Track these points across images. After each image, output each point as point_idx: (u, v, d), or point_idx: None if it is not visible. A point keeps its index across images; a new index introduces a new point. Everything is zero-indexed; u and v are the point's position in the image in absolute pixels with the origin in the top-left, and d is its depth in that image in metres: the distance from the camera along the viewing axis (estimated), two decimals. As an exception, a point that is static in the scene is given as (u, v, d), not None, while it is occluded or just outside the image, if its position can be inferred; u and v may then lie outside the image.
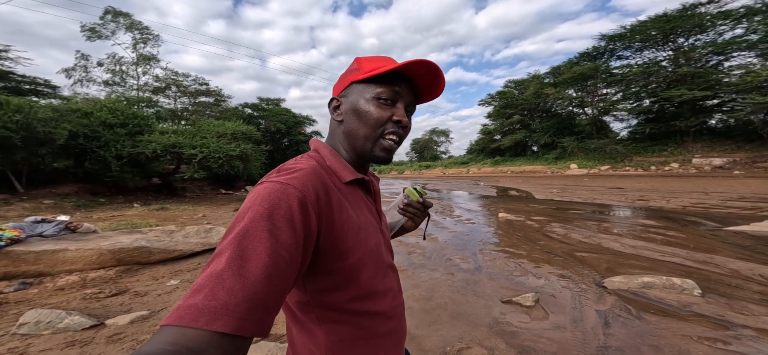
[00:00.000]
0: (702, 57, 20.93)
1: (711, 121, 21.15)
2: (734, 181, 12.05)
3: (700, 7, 20.30)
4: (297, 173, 0.46)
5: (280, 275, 0.37)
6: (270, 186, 0.43)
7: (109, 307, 2.50)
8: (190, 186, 15.15)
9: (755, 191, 8.85)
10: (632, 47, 24.30)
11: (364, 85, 0.56)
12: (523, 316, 2.27)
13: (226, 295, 0.33)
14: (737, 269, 2.99)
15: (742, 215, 5.61)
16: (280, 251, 0.38)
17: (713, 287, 2.58)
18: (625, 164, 20.73)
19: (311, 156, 0.56)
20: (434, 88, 0.59)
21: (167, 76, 20.52)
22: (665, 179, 14.51)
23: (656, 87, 22.43)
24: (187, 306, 0.33)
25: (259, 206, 0.40)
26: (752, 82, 16.48)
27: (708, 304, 2.27)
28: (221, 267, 0.35)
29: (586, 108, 27.48)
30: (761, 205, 6.60)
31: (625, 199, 8.71)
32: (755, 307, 2.16)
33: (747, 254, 3.42)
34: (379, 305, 0.54)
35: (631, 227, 5.12)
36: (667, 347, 1.73)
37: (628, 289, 2.63)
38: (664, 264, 3.26)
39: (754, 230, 4.43)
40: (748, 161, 16.35)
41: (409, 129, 0.58)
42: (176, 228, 4.58)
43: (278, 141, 25.40)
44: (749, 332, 1.83)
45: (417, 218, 0.80)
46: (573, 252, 3.78)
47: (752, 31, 18.41)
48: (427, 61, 0.53)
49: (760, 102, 15.81)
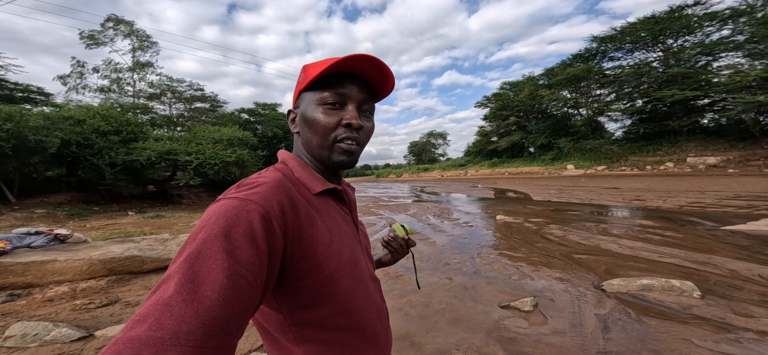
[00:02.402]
0: (691, 57, 21.24)
1: (703, 121, 21.40)
2: (729, 179, 12.15)
3: (687, 8, 20.66)
4: (259, 188, 0.44)
5: (242, 296, 0.35)
6: (227, 203, 0.40)
7: (99, 318, 2.43)
8: (186, 193, 15.03)
9: (750, 189, 8.92)
10: (623, 48, 24.64)
11: (311, 92, 0.54)
12: (521, 321, 2.23)
13: (175, 323, 0.30)
14: (736, 270, 2.98)
15: (738, 214, 5.64)
16: (241, 271, 0.35)
17: (713, 289, 2.56)
18: (621, 164, 20.87)
19: (278, 168, 0.54)
20: (384, 83, 0.56)
21: (162, 82, 20.47)
22: (661, 179, 14.61)
23: (648, 87, 22.70)
24: (127, 339, 0.29)
25: (213, 226, 0.37)
26: (741, 81, 16.73)
27: (708, 306, 2.25)
28: (169, 294, 0.32)
29: (581, 109, 27.73)
30: (757, 203, 6.64)
31: (622, 199, 8.74)
32: (756, 308, 2.14)
33: (745, 254, 3.42)
34: (361, 320, 0.52)
35: (628, 228, 5.12)
36: (667, 351, 1.70)
37: (627, 292, 2.60)
38: (663, 265, 3.25)
39: (752, 230, 4.44)
40: (742, 160, 16.53)
41: (366, 129, 0.56)
42: (170, 236, 4.52)
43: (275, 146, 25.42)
44: (751, 335, 1.81)
45: (397, 253, 0.79)
46: (571, 254, 3.76)
47: (739, 32, 18.74)
48: (363, 55, 0.50)
49: (750, 101, 16.04)
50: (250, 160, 13.52)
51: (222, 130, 13.86)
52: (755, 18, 17.66)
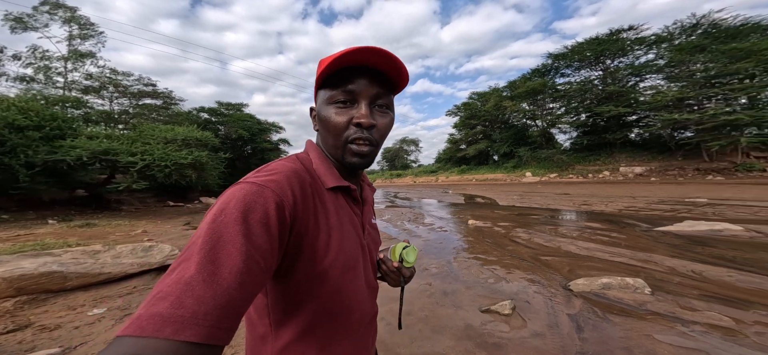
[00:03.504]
0: (623, 77, 24.64)
1: (632, 135, 24.79)
2: (652, 186, 14.17)
3: (623, 32, 23.96)
4: (276, 175, 0.45)
5: (254, 280, 0.36)
6: (246, 187, 0.41)
7: (4, 346, 1.98)
8: (128, 198, 13.24)
9: (670, 195, 10.46)
10: (572, 66, 27.76)
11: (323, 90, 0.53)
12: (503, 325, 2.26)
13: (195, 303, 0.32)
14: (673, 267, 3.39)
15: (665, 217, 6.53)
16: (255, 256, 0.37)
17: (659, 285, 2.86)
18: (569, 172, 23.27)
19: (298, 157, 0.55)
20: (399, 75, 0.52)
21: (103, 75, 17.97)
22: (601, 185, 16.53)
23: (590, 103, 25.76)
24: (150, 315, 0.30)
25: (233, 209, 0.38)
26: (661, 101, 19.77)
27: (659, 301, 2.50)
28: (190, 274, 0.33)
29: (537, 120, 30.47)
30: (678, 207, 7.77)
31: (573, 204, 9.65)
32: (697, 302, 2.43)
33: (678, 252, 3.93)
34: (343, 322, 0.52)
35: (581, 230, 5.62)
36: (636, 348, 1.82)
37: (590, 290, 2.79)
38: (615, 264, 3.58)
39: (678, 230, 5.14)
40: (661, 170, 19.44)
41: (378, 127, 0.52)
42: (104, 248, 3.88)
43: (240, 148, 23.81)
44: (699, 327, 2.03)
45: (389, 277, 0.68)
46: (538, 256, 3.98)
47: (660, 57, 22.21)
48: (368, 48, 0.47)
49: (667, 119, 19.01)
50: (210, 163, 12.39)
51: (176, 130, 12.54)
52: (673, 45, 21.07)
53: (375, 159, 0.55)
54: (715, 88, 17.95)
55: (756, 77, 17.06)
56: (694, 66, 18.90)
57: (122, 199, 12.73)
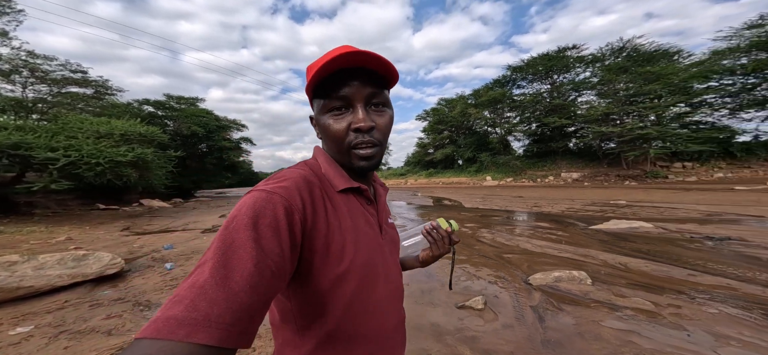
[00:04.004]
0: (566, 92, 27.92)
1: (570, 144, 28.27)
2: (586, 190, 16.39)
3: (568, 51, 27.14)
4: (285, 182, 0.46)
5: (265, 284, 0.37)
6: (256, 195, 0.43)
7: None
8: (43, 201, 11.21)
9: (599, 198, 12.23)
10: (527, 79, 30.56)
11: (317, 98, 0.54)
12: (477, 320, 2.49)
13: (208, 306, 0.33)
14: (606, 260, 4.03)
15: (596, 217, 7.64)
16: (265, 260, 0.38)
17: (596, 276, 3.40)
18: (522, 177, 25.72)
19: (307, 163, 0.56)
20: (388, 70, 0.52)
21: (16, 57, 14.83)
22: (547, 189, 18.59)
23: (540, 114, 28.71)
24: (166, 318, 0.32)
25: (243, 216, 0.40)
26: (593, 115, 22.88)
27: (598, 291, 2.98)
28: (204, 278, 0.35)
29: (497, 128, 32.93)
30: (605, 208, 9.14)
31: (526, 206, 10.74)
32: (626, 290, 2.95)
33: (608, 247, 4.66)
34: (367, 325, 0.52)
35: (534, 229, 6.32)
36: (587, 333, 2.17)
37: (546, 284, 3.20)
38: (563, 259, 4.13)
39: (607, 228, 6.08)
40: (592, 176, 22.52)
41: (378, 126, 0.52)
42: (22, 258, 3.32)
43: (194, 146, 21.60)
44: (629, 311, 2.49)
45: (437, 247, 0.74)
46: (501, 254, 4.40)
47: (594, 75, 25.66)
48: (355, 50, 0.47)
49: (597, 131, 22.09)
50: (155, 162, 11.03)
51: (113, 123, 10.92)
52: (604, 65, 24.46)
53: (382, 158, 0.56)
54: (633, 106, 21.38)
55: (662, 98, 20.71)
56: (619, 85, 22.24)
57: (35, 201, 10.73)
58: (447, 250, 0.76)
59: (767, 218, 6.31)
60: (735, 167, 17.92)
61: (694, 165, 19.51)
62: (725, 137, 19.05)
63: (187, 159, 18.87)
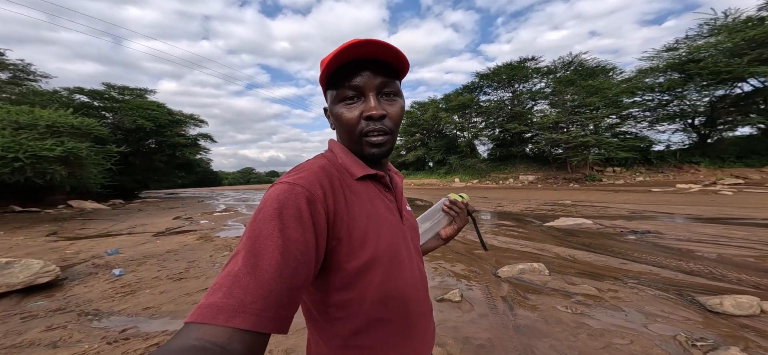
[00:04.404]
0: (524, 100, 30.38)
1: (527, 149, 30.90)
2: (539, 191, 18.16)
3: (527, 62, 29.48)
4: (305, 173, 0.48)
5: (293, 272, 0.39)
6: (279, 187, 0.45)
7: None
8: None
9: (551, 198, 13.66)
10: (492, 86, 32.53)
11: (330, 89, 0.55)
12: (456, 311, 2.71)
13: (242, 293, 0.36)
14: (558, 253, 4.59)
15: (549, 215, 8.56)
16: (291, 249, 0.40)
17: (552, 268, 3.87)
18: (486, 179, 27.47)
19: (324, 155, 0.58)
20: (399, 60, 0.53)
21: None
22: (508, 190, 20.16)
23: (502, 120, 30.84)
24: (208, 305, 0.35)
25: (269, 207, 0.42)
26: (546, 123, 25.28)
27: (554, 280, 3.41)
28: (238, 267, 0.38)
29: (465, 132, 34.56)
30: (555, 208, 10.26)
31: (491, 205, 11.58)
32: (576, 279, 3.41)
33: (559, 242, 5.30)
34: (395, 310, 0.53)
35: (499, 227, 6.89)
36: (549, 318, 2.50)
37: (512, 276, 3.57)
38: (524, 253, 4.60)
39: (557, 225, 6.86)
40: (544, 178, 24.94)
41: (390, 115, 0.54)
42: None
43: (140, 142, 19.24)
44: (580, 297, 2.90)
45: (459, 219, 0.82)
46: (472, 251, 4.75)
47: (547, 86, 28.28)
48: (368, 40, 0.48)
49: (549, 137, 24.49)
50: (91, 158, 9.63)
51: (37, 113, 9.29)
52: (556, 77, 27.09)
53: (393, 146, 0.57)
54: (577, 116, 24.13)
55: (599, 109, 23.65)
56: (567, 96, 24.89)
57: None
58: (466, 221, 0.84)
59: (676, 214, 7.67)
60: (652, 172, 21.21)
61: (621, 170, 22.67)
62: (645, 146, 22.50)
63: (130, 156, 16.77)
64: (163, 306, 2.96)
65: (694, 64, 19.01)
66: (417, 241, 0.66)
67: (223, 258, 4.72)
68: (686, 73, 19.80)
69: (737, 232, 5.38)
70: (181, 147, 23.14)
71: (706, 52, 18.77)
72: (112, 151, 11.89)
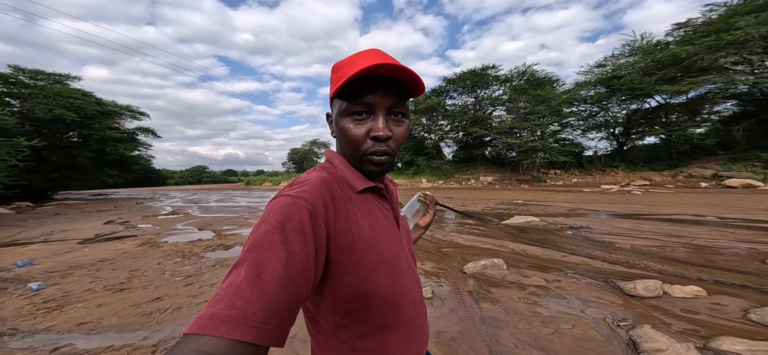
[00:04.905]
0: (485, 106, 32.53)
1: (486, 152, 33.17)
2: (497, 191, 19.70)
3: (489, 70, 31.57)
4: (307, 186, 0.49)
5: (294, 285, 0.40)
6: (282, 200, 0.46)
7: None
8: None
9: (506, 198, 14.95)
10: (458, 91, 34.14)
11: (339, 99, 0.54)
12: (428, 307, 2.93)
13: (244, 305, 0.36)
14: (514, 249, 5.13)
15: (505, 213, 9.42)
16: (294, 262, 0.40)
17: (510, 262, 4.34)
18: (451, 180, 28.89)
19: (323, 167, 0.59)
20: (415, 83, 0.53)
21: None
22: (470, 191, 21.49)
23: (466, 124, 32.63)
24: (209, 316, 0.35)
25: (272, 219, 0.43)
26: (503, 128, 27.45)
27: (511, 273, 3.85)
28: (240, 279, 0.38)
29: (432, 134, 35.76)
30: (510, 207, 11.30)
31: (455, 205, 12.28)
32: (530, 272, 3.89)
33: (514, 238, 5.91)
34: (398, 316, 0.56)
35: (462, 226, 7.41)
36: (509, 309, 2.85)
37: (477, 271, 3.93)
38: (486, 249, 5.06)
39: (512, 223, 7.61)
40: (501, 180, 27.07)
41: (395, 136, 0.55)
42: None
43: (58, 134, 16.43)
44: (532, 288, 3.33)
45: (432, 208, 1.03)
46: (440, 249, 5.08)
47: (505, 94, 30.66)
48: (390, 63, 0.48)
49: (505, 141, 26.65)
50: None
51: None
52: (511, 85, 29.48)
53: (393, 165, 0.59)
54: (527, 122, 26.67)
55: (545, 117, 26.43)
56: (520, 104, 27.34)
57: None
58: (435, 209, 1.05)
59: (601, 211, 9.01)
60: (583, 175, 24.39)
61: (561, 172, 25.68)
62: (578, 151, 25.86)
63: (43, 149, 14.26)
64: (103, 320, 2.70)
65: (617, 81, 22.37)
66: (411, 245, 0.70)
67: (175, 265, 4.38)
68: (610, 88, 23.19)
69: (645, 225, 6.55)
70: (113, 142, 20.30)
71: (626, 70, 22.14)
72: (20, 145, 10.01)
